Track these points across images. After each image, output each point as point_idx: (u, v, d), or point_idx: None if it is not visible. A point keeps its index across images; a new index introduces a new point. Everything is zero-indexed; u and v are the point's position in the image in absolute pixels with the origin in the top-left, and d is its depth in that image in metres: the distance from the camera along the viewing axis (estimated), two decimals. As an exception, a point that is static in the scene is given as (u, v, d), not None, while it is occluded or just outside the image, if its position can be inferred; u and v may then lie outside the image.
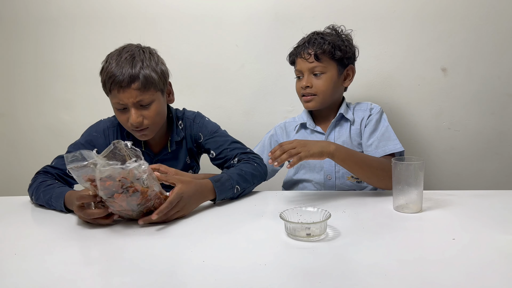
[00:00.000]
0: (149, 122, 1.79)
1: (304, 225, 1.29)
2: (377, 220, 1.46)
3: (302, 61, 2.00)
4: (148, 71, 1.74)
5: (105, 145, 1.88)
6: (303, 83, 1.99)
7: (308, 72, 1.98)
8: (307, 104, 2.02)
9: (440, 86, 2.48)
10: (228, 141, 1.98)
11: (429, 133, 2.53)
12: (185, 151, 2.02)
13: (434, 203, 1.62)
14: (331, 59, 1.97)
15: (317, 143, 1.65)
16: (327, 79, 1.97)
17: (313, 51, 1.97)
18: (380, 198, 1.73)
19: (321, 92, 1.97)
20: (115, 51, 1.80)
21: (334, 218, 1.44)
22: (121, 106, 1.76)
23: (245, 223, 1.48)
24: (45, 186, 1.70)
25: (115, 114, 1.82)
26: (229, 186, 1.67)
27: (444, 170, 2.57)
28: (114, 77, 1.71)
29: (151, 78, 1.75)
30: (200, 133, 2.00)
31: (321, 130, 2.05)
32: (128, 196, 1.36)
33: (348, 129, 2.01)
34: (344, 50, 1.97)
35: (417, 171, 1.50)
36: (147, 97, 1.75)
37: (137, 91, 1.72)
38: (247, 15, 2.56)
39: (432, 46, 2.45)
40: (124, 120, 1.79)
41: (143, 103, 1.76)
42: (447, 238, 1.28)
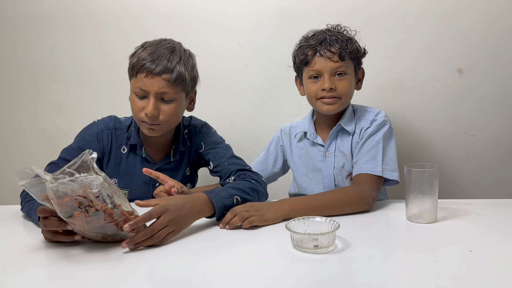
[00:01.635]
0: (164, 119, 1.77)
1: (311, 236, 1.30)
2: (389, 231, 1.46)
3: (323, 60, 1.89)
4: (183, 69, 1.76)
5: (98, 150, 1.88)
6: (325, 84, 1.88)
7: (330, 73, 1.89)
8: (329, 107, 1.91)
9: (456, 88, 2.48)
10: (229, 154, 1.94)
11: (444, 138, 2.54)
12: (186, 162, 2.01)
13: (450, 212, 1.63)
14: (351, 59, 1.91)
15: (270, 207, 1.60)
16: (350, 80, 1.91)
17: (337, 49, 1.88)
18: (392, 208, 1.73)
19: (345, 95, 1.90)
20: (154, 40, 1.83)
21: (344, 229, 1.44)
22: (142, 92, 1.74)
23: (248, 234, 1.48)
24: (29, 196, 1.67)
25: (132, 100, 1.80)
26: (226, 195, 1.62)
27: (460, 178, 2.57)
28: (146, 61, 1.72)
29: (183, 76, 1.76)
30: (202, 142, 1.97)
31: (322, 141, 2.02)
32: (87, 216, 1.27)
33: (349, 141, 1.96)
34: (361, 51, 1.94)
35: (432, 178, 1.51)
36: (172, 92, 1.75)
37: (166, 82, 1.72)
38: (250, 12, 2.57)
39: (448, 46, 2.45)
40: (139, 108, 1.77)
41: (165, 97, 1.75)
42: (463, 250, 1.28)
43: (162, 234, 1.39)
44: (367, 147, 1.86)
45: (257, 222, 1.54)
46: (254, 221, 1.53)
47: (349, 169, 1.95)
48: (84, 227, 1.29)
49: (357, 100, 2.05)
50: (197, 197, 1.55)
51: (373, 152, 1.83)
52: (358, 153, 1.88)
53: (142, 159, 1.93)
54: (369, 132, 1.88)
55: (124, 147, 1.92)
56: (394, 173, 1.82)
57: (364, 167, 1.81)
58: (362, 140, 1.89)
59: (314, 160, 2.03)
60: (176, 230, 1.44)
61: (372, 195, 1.72)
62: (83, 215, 1.25)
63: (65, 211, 1.24)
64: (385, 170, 1.80)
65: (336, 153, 1.98)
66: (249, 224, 1.52)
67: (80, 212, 1.25)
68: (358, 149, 1.90)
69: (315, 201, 1.68)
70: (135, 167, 1.92)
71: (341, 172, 1.97)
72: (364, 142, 1.88)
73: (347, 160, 1.95)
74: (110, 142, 1.90)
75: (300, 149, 2.09)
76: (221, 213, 1.58)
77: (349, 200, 1.68)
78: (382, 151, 1.83)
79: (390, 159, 1.84)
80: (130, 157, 1.93)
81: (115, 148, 1.91)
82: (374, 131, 1.88)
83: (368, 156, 1.83)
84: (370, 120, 1.92)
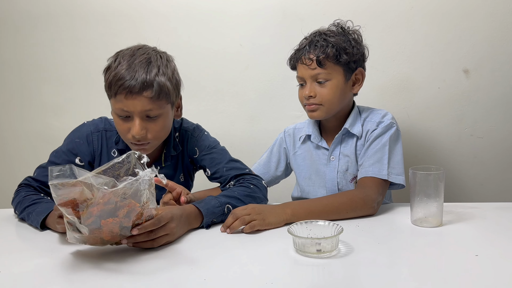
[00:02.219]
0: (152, 137, 1.70)
1: (314, 241, 1.30)
2: (394, 235, 1.47)
3: (303, 67, 1.92)
4: (164, 79, 1.66)
5: (89, 153, 1.84)
6: (305, 92, 1.91)
7: (311, 80, 1.91)
8: (312, 114, 1.94)
9: (462, 89, 2.48)
10: (226, 159, 1.91)
11: (450, 140, 2.54)
12: (180, 168, 1.98)
13: (456, 216, 1.63)
14: (336, 64, 1.88)
15: (272, 211, 1.60)
16: (332, 87, 1.89)
17: (314, 56, 1.88)
18: (397, 211, 1.73)
19: (327, 102, 1.89)
20: (127, 50, 1.70)
21: (347, 233, 1.44)
22: (125, 113, 1.65)
23: (249, 238, 1.49)
24: (30, 200, 1.68)
25: (115, 121, 1.72)
26: (216, 204, 1.62)
27: (467, 181, 2.57)
28: (123, 80, 1.60)
29: (165, 88, 1.66)
30: (196, 147, 1.93)
31: (326, 145, 2.01)
32: (122, 218, 1.27)
33: (354, 144, 1.96)
34: (350, 52, 1.89)
35: (437, 181, 1.51)
36: (157, 108, 1.66)
37: (148, 99, 1.62)
38: (252, 12, 2.57)
39: (453, 46, 2.45)
40: (125, 130, 1.69)
41: (151, 114, 1.66)
42: (469, 254, 1.28)
43: (161, 240, 1.40)
44: (372, 149, 1.86)
45: (259, 226, 1.54)
46: (256, 226, 1.53)
47: (353, 172, 1.95)
48: (112, 232, 1.29)
49: (360, 101, 2.05)
50: (188, 208, 1.57)
51: (379, 155, 1.83)
52: (364, 155, 1.88)
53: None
54: (375, 134, 1.88)
55: (115, 150, 1.86)
56: (400, 177, 1.82)
57: (370, 170, 1.81)
58: (367, 142, 1.89)
59: (317, 163, 2.03)
60: (172, 238, 1.45)
61: (377, 199, 1.71)
62: (117, 219, 1.26)
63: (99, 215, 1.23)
64: (391, 174, 1.80)
65: (340, 156, 1.98)
66: (251, 229, 1.53)
67: (115, 219, 1.26)
68: (363, 151, 1.90)
69: (319, 205, 1.67)
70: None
71: (345, 176, 1.97)
72: (370, 144, 1.88)
73: (352, 163, 1.95)
74: (100, 145, 1.85)
75: (304, 151, 2.09)
76: (210, 221, 1.59)
77: (353, 204, 1.68)
78: (388, 154, 1.83)
79: (396, 163, 1.84)
80: None
81: (106, 151, 1.86)
82: (380, 133, 1.87)
83: (373, 159, 1.83)
84: (377, 122, 1.92)
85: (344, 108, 1.98)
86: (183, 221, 1.51)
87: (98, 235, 1.28)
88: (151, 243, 1.39)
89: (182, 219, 1.50)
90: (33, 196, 1.71)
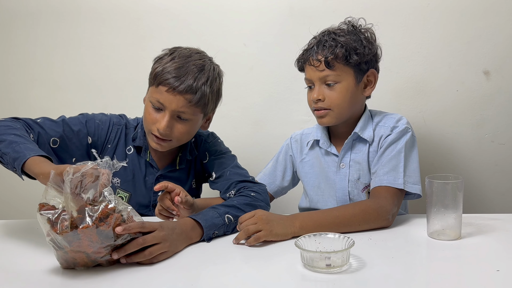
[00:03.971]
0: (175, 137, 1.84)
1: (323, 255, 1.30)
2: (409, 249, 1.47)
3: (311, 68, 1.92)
4: (208, 91, 1.82)
5: (102, 139, 1.94)
6: (313, 95, 1.91)
7: (319, 82, 1.91)
8: (321, 120, 1.94)
9: (482, 92, 2.49)
10: (232, 164, 1.98)
11: (469, 146, 2.54)
12: (193, 173, 2.05)
13: (475, 228, 1.63)
14: (346, 65, 1.88)
15: (281, 222, 1.60)
16: (342, 90, 1.89)
17: (323, 56, 1.88)
18: (412, 223, 1.73)
19: (336, 106, 1.89)
20: (185, 50, 1.87)
21: (359, 246, 1.43)
22: (159, 105, 1.80)
23: (254, 251, 1.49)
24: (13, 133, 1.60)
25: (146, 109, 1.86)
26: (215, 215, 1.63)
27: (487, 190, 2.57)
28: (171, 77, 1.77)
29: (206, 99, 1.82)
30: (207, 152, 2.02)
31: (336, 151, 2.01)
32: (100, 226, 1.26)
33: (366, 150, 1.96)
34: (361, 53, 1.89)
35: (455, 191, 1.51)
36: (190, 113, 1.81)
37: (186, 102, 1.78)
38: (256, 9, 2.58)
39: (473, 45, 2.46)
40: (152, 119, 1.82)
41: (182, 116, 1.81)
42: (490, 269, 1.28)
43: (154, 251, 1.40)
44: (387, 156, 1.85)
45: (265, 237, 1.54)
46: (261, 237, 1.53)
47: (365, 181, 1.95)
48: (91, 243, 1.29)
49: (373, 105, 2.05)
50: (183, 222, 1.57)
51: (393, 163, 1.82)
52: (377, 163, 1.87)
53: (146, 163, 1.97)
54: (389, 140, 1.87)
55: (131, 147, 1.97)
56: (416, 186, 1.81)
57: (384, 179, 1.80)
58: (381, 149, 1.88)
59: (326, 171, 2.03)
60: (169, 252, 1.44)
61: (392, 210, 1.71)
62: (94, 226, 1.25)
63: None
64: (407, 183, 1.79)
65: (351, 163, 1.97)
66: (255, 242, 1.53)
67: (92, 224, 1.25)
68: (377, 158, 1.89)
69: (329, 217, 1.67)
70: (140, 170, 1.97)
71: (357, 185, 1.96)
72: (384, 151, 1.87)
73: (363, 171, 1.94)
74: (117, 139, 1.96)
75: (312, 158, 2.09)
76: (211, 234, 1.59)
77: (366, 216, 1.67)
78: (403, 162, 1.82)
79: (413, 171, 1.83)
80: (135, 159, 1.97)
81: (122, 147, 1.96)
82: (395, 139, 1.86)
83: (388, 167, 1.82)
84: (391, 127, 1.91)
85: (356, 112, 1.97)
86: (178, 233, 1.51)
87: (80, 248, 1.28)
88: (143, 255, 1.38)
89: (176, 230, 1.50)
90: (19, 131, 1.64)
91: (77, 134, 1.85)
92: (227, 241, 1.58)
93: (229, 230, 1.65)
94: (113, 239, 1.30)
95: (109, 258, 1.34)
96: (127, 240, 1.34)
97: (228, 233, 1.65)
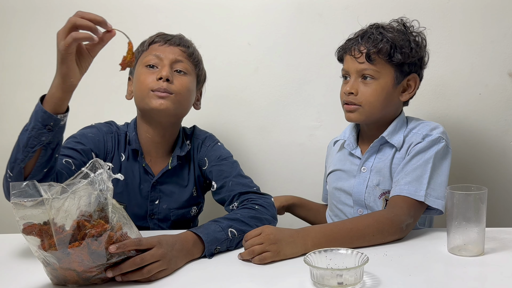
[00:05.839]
0: (177, 89, 1.92)
1: (335, 272, 1.31)
2: (427, 265, 1.47)
3: (350, 59, 1.95)
4: (197, 53, 2.07)
5: (102, 154, 1.95)
6: (347, 87, 1.93)
7: (356, 75, 1.93)
8: (349, 115, 1.97)
9: (507, 95, 2.48)
10: (234, 173, 1.97)
11: (493, 154, 2.53)
12: (192, 180, 2.05)
13: (500, 243, 1.63)
14: (387, 62, 1.90)
15: (290, 240, 1.59)
16: (377, 88, 1.91)
17: (365, 48, 1.90)
18: (431, 237, 1.74)
19: (368, 103, 1.91)
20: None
21: (373, 263, 1.43)
22: (155, 61, 1.95)
23: (260, 268, 1.49)
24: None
25: (140, 78, 1.95)
26: (217, 229, 1.63)
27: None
28: (161, 35, 2.01)
29: (198, 58, 2.06)
30: (206, 158, 2.03)
31: (360, 154, 2.02)
32: (91, 242, 1.26)
33: (391, 156, 1.95)
34: (406, 53, 1.90)
35: (478, 203, 1.51)
36: (186, 65, 1.99)
37: (181, 52, 1.98)
38: (262, 5, 2.59)
39: (497, 45, 2.45)
40: (150, 79, 1.91)
41: (179, 67, 1.97)
42: (516, 288, 1.28)
43: (152, 269, 1.40)
44: (413, 165, 1.84)
45: (271, 259, 1.53)
46: (267, 258, 1.53)
47: (384, 188, 1.94)
48: (82, 262, 1.28)
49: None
50: (184, 236, 1.57)
51: (418, 172, 1.81)
52: (401, 171, 1.87)
53: (141, 169, 1.99)
54: (418, 148, 1.86)
55: (122, 155, 1.99)
56: (439, 201, 1.79)
57: (405, 188, 1.79)
58: (408, 156, 1.88)
59: (348, 173, 2.05)
60: (168, 270, 1.45)
61: (406, 221, 1.71)
62: (83, 244, 1.25)
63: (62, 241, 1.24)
64: (429, 196, 1.78)
65: (372, 168, 1.97)
66: (261, 262, 1.52)
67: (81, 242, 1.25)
68: (401, 166, 1.88)
69: (342, 230, 1.66)
70: (134, 178, 1.98)
71: (374, 192, 1.96)
72: (411, 159, 1.86)
73: (384, 177, 1.94)
74: (113, 147, 1.98)
75: (338, 160, 2.11)
76: (213, 249, 1.60)
77: (380, 226, 1.68)
78: (429, 173, 1.81)
79: (439, 184, 1.81)
80: (128, 167, 1.98)
81: (117, 155, 1.99)
82: (424, 147, 1.86)
83: (411, 177, 1.81)
84: (423, 135, 1.90)
85: (389, 115, 1.99)
86: (178, 249, 1.51)
87: (70, 266, 1.28)
88: (141, 274, 1.38)
89: (176, 246, 1.50)
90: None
91: (86, 153, 1.87)
92: (231, 257, 1.59)
93: (233, 245, 1.65)
94: (106, 259, 1.30)
95: (102, 276, 1.35)
96: (122, 259, 1.35)
97: (231, 249, 1.65)
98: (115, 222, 1.30)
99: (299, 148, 2.60)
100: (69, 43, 1.43)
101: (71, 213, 1.24)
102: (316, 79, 2.45)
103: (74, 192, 1.23)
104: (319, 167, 2.37)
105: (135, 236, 1.39)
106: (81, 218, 1.25)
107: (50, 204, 1.21)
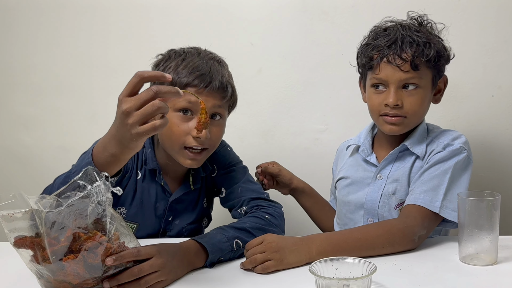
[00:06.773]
0: (212, 143, 1.83)
1: (341, 282, 1.30)
2: (438, 275, 1.47)
3: (390, 68, 1.84)
4: (233, 86, 1.89)
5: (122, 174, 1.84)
6: (389, 99, 1.83)
7: (397, 85, 1.84)
8: (392, 127, 1.89)
9: (522, 97, 2.49)
10: (243, 179, 1.97)
11: (507, 159, 2.53)
12: (204, 190, 2.04)
13: (514, 252, 1.63)
14: (428, 68, 1.86)
15: (294, 248, 1.59)
16: (421, 96, 1.86)
17: (409, 55, 1.81)
18: (442, 246, 1.73)
19: (413, 114, 1.87)
20: (182, 49, 1.87)
21: (381, 272, 1.44)
22: (190, 108, 1.76)
23: (263, 278, 1.50)
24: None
25: (172, 121, 1.74)
26: (223, 239, 1.62)
27: (528, 209, 2.56)
28: (196, 77, 1.75)
29: (235, 94, 1.90)
30: (215, 164, 2.01)
31: (376, 161, 1.99)
32: (88, 254, 1.26)
33: (410, 164, 1.92)
34: (445, 56, 1.90)
35: (491, 209, 1.51)
36: (223, 111, 1.85)
37: (221, 98, 1.81)
38: (265, 4, 2.60)
39: (511, 45, 2.46)
40: (183, 131, 1.77)
41: (216, 111, 1.83)
42: (531, 299, 1.28)
43: (150, 280, 1.40)
44: (430, 174, 1.82)
45: (274, 268, 1.53)
46: (270, 267, 1.53)
47: (401, 198, 1.91)
48: (77, 274, 1.28)
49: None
50: (186, 245, 1.56)
51: (435, 182, 1.79)
52: (418, 180, 1.84)
53: (158, 188, 1.93)
54: (437, 158, 1.84)
55: (139, 172, 1.91)
56: (455, 214, 1.74)
57: (419, 198, 1.76)
58: (427, 165, 1.85)
59: (362, 180, 2.02)
60: (167, 280, 1.45)
61: (419, 232, 1.69)
62: (79, 257, 1.24)
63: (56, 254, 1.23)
64: (445, 208, 1.75)
65: (389, 176, 1.94)
66: (263, 271, 1.52)
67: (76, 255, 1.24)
68: (418, 175, 1.86)
69: (350, 240, 1.65)
70: (149, 197, 1.93)
71: (390, 201, 1.92)
72: (429, 168, 1.84)
73: (402, 186, 1.91)
74: (132, 165, 1.90)
75: (350, 166, 2.09)
76: (216, 259, 1.59)
77: (391, 237, 1.66)
78: (447, 184, 1.78)
79: (456, 196, 1.73)
80: (145, 186, 1.92)
81: (134, 172, 1.91)
82: (444, 157, 1.83)
83: (428, 186, 1.79)
84: (444, 144, 1.88)
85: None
86: (179, 259, 1.50)
87: (65, 278, 1.28)
88: (138, 285, 1.38)
89: (178, 256, 1.50)
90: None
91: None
92: (233, 266, 1.59)
93: (236, 256, 1.65)
94: (103, 271, 1.30)
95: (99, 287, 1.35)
96: (119, 270, 1.35)
97: (234, 258, 1.65)
98: (112, 233, 1.30)
99: (304, 152, 2.60)
100: (163, 125, 1.29)
101: (66, 225, 1.23)
102: (322, 80, 2.45)
103: (69, 205, 1.22)
104: (326, 173, 2.37)
105: (133, 245, 1.38)
106: (77, 230, 1.24)
107: (42, 217, 1.20)
